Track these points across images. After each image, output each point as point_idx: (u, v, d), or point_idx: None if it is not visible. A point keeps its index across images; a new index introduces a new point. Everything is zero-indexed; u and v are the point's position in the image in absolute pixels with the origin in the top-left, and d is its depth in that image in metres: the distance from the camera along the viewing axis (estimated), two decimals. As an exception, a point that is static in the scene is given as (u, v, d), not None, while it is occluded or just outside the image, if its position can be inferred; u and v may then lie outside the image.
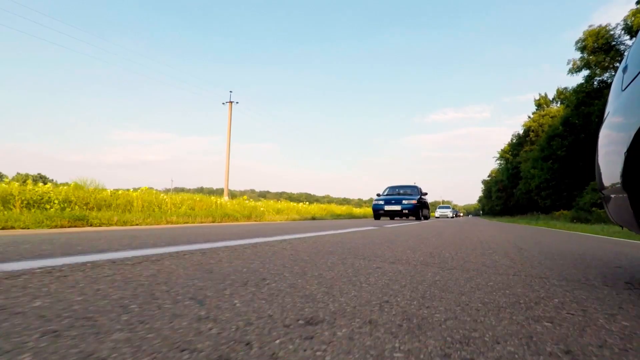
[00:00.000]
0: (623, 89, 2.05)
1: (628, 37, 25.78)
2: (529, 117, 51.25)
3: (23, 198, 9.76)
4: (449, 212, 46.71)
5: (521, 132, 53.24)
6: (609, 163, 2.07)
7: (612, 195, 2.08)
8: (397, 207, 18.66)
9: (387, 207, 18.85)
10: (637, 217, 1.87)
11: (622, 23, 25.88)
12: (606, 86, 27.21)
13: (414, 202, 18.75)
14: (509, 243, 5.22)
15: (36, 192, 10.21)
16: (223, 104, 33.01)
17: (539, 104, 50.74)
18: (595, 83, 29.37)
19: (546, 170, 33.62)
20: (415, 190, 20.85)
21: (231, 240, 4.33)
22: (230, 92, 34.34)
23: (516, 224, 19.42)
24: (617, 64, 25.68)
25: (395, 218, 21.00)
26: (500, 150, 61.70)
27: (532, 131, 48.04)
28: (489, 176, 76.52)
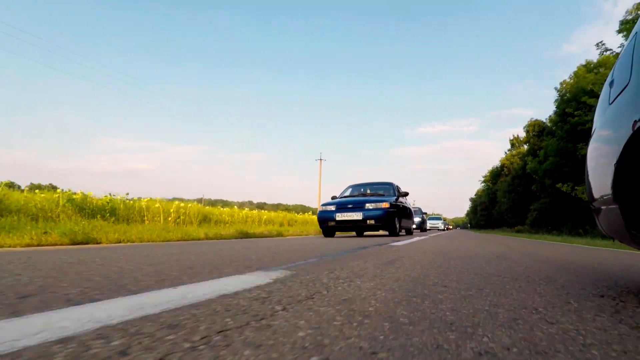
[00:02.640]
0: (610, 102, 1.73)
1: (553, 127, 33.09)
2: (505, 153, 53.54)
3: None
4: (440, 224, 39.20)
5: (498, 165, 55.86)
6: (599, 176, 1.74)
7: (603, 207, 1.73)
8: (357, 216, 9.15)
9: (340, 216, 9.31)
10: (628, 228, 1.54)
11: (548, 118, 32.62)
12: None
13: (384, 206, 9.21)
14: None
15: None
16: (315, 160, 43.08)
17: (512, 144, 51.78)
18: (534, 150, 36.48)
19: (510, 200, 38.81)
20: (389, 189, 11.05)
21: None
22: (321, 152, 43.60)
23: (494, 234, 21.04)
24: (544, 138, 31.73)
25: (365, 233, 12.33)
26: (483, 176, 64.87)
27: (506, 167, 50.22)
28: (475, 195, 77.95)
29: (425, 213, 27.09)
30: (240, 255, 3.33)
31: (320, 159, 41.56)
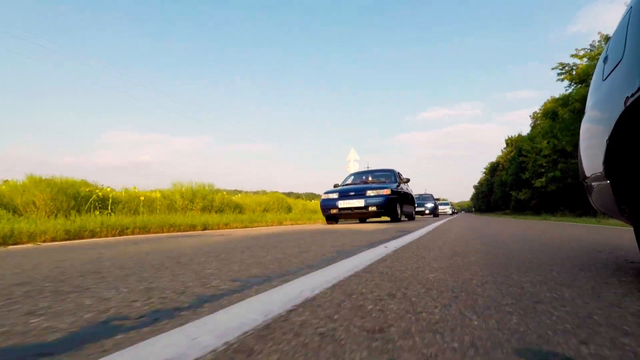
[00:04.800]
0: (604, 78, 1.48)
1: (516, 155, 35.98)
2: (502, 150, 54.57)
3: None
4: (448, 209, 34.60)
5: (494, 161, 57.09)
6: (591, 153, 1.52)
7: (594, 184, 1.53)
8: (359, 203, 8.17)
9: (342, 204, 8.31)
10: (618, 204, 1.36)
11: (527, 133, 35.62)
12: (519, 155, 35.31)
13: (385, 192, 8.21)
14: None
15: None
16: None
17: (507, 143, 51.97)
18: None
19: (502, 192, 41.24)
20: (390, 175, 9.79)
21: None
22: (368, 162, 40.42)
23: (494, 217, 21.61)
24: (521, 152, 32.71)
25: (368, 220, 11.01)
26: (485, 167, 67.16)
27: (501, 164, 51.30)
28: (478, 183, 79.85)
29: (438, 199, 26.00)
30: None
31: (368, 167, 47.05)
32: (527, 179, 24.18)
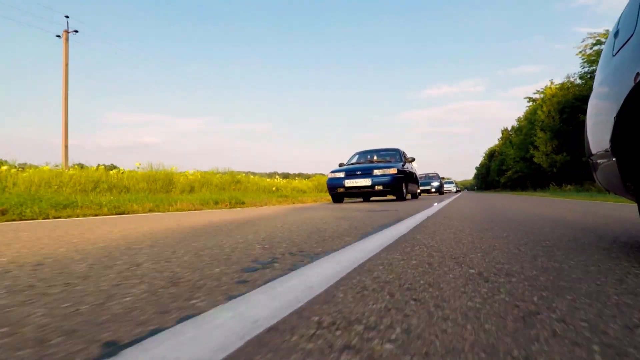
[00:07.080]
0: (614, 54, 1.31)
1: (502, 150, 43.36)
2: (498, 140, 54.92)
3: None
4: (452, 187, 32.78)
5: (492, 147, 59.65)
6: (598, 130, 1.37)
7: (600, 161, 1.38)
8: (365, 182, 7.47)
9: (349, 182, 7.58)
10: (624, 181, 1.22)
11: (517, 123, 40.18)
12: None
13: (392, 172, 7.53)
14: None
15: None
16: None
17: (503, 137, 50.92)
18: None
19: (496, 175, 46.70)
20: (396, 155, 8.89)
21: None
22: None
23: (488, 193, 24.79)
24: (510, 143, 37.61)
25: (372, 198, 10.35)
26: (484, 152, 69.90)
27: (496, 151, 52.71)
28: (479, 165, 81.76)
29: (443, 178, 24.47)
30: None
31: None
32: (504, 170, 36.06)
